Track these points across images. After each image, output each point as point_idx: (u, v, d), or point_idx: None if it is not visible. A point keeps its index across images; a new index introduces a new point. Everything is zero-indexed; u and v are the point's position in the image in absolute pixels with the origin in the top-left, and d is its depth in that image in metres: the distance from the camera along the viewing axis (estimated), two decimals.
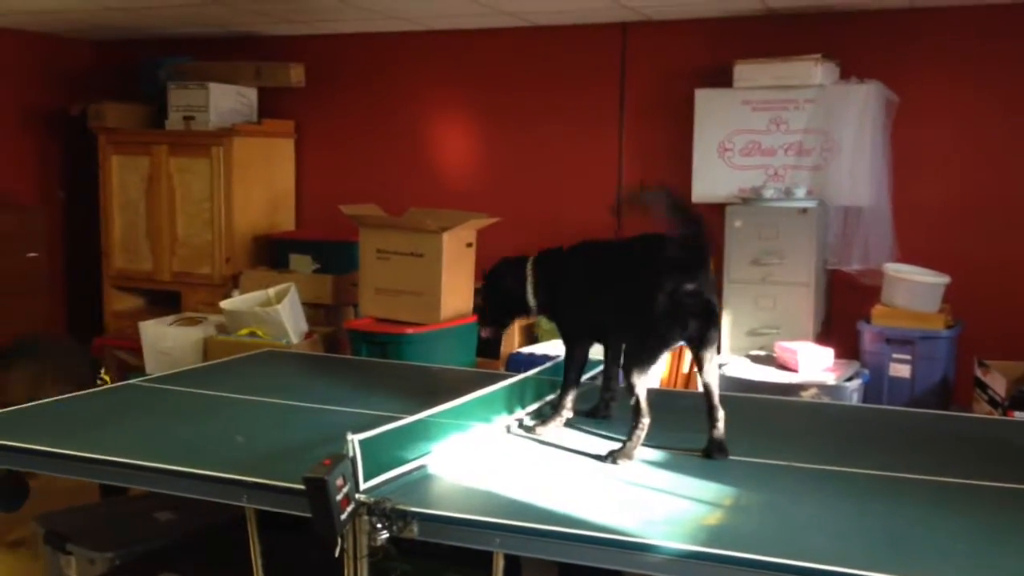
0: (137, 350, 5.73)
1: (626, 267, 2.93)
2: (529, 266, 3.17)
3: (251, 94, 6.49)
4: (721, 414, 2.84)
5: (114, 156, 6.49)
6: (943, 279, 4.87)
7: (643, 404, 2.80)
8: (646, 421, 2.79)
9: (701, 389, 2.90)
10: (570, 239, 3.17)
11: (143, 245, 6.48)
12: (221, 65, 6.48)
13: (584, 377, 3.25)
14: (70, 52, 6.98)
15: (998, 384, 4.45)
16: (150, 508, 3.42)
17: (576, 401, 3.17)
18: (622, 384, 3.07)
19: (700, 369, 2.87)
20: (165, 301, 6.44)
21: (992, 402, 4.49)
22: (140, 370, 5.49)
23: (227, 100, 6.31)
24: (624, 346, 2.99)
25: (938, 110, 5.26)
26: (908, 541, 2.22)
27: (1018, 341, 4.94)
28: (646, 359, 2.81)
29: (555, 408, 3.15)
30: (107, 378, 4.18)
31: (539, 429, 3.07)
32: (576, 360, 3.14)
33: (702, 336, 2.81)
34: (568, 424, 3.14)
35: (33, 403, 3.44)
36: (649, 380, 2.81)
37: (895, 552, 2.14)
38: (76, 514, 3.58)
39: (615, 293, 2.93)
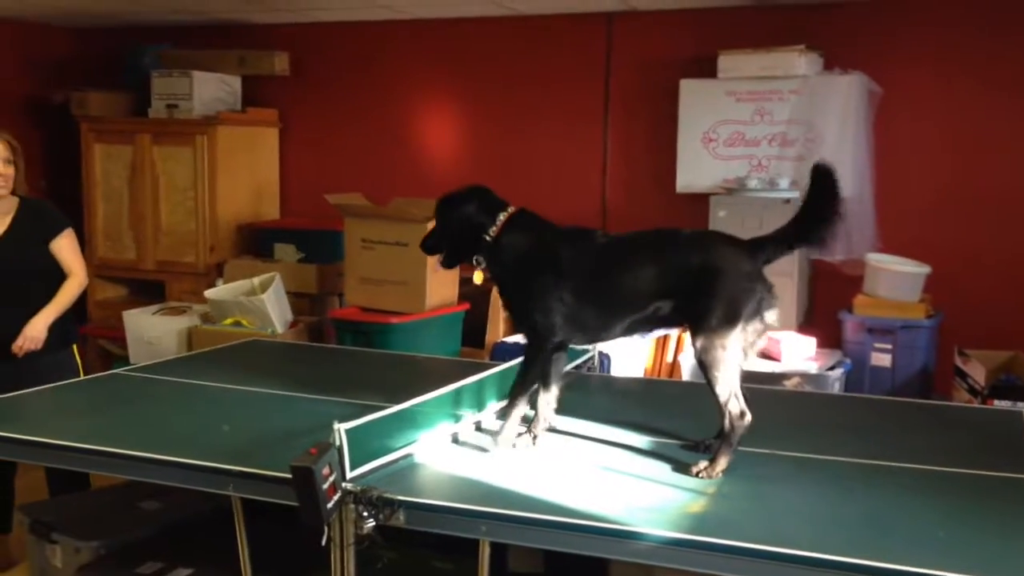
0: (121, 340, 5.73)
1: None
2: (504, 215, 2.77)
3: (235, 83, 6.46)
4: None
5: (97, 145, 6.46)
6: (924, 269, 4.92)
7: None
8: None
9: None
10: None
11: (126, 234, 6.46)
12: (205, 53, 6.44)
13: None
14: (52, 40, 6.93)
15: (977, 373, 4.50)
16: (136, 497, 3.41)
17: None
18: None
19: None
20: (149, 291, 6.43)
21: (972, 391, 4.53)
22: (124, 359, 5.49)
23: (211, 89, 6.28)
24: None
25: (920, 101, 5.29)
26: (887, 527, 2.25)
27: (997, 331, 5.00)
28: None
29: (532, 422, 2.86)
30: None
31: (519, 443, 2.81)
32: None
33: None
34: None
35: (17, 392, 3.44)
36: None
37: (874, 537, 2.17)
38: (61, 504, 3.57)
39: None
